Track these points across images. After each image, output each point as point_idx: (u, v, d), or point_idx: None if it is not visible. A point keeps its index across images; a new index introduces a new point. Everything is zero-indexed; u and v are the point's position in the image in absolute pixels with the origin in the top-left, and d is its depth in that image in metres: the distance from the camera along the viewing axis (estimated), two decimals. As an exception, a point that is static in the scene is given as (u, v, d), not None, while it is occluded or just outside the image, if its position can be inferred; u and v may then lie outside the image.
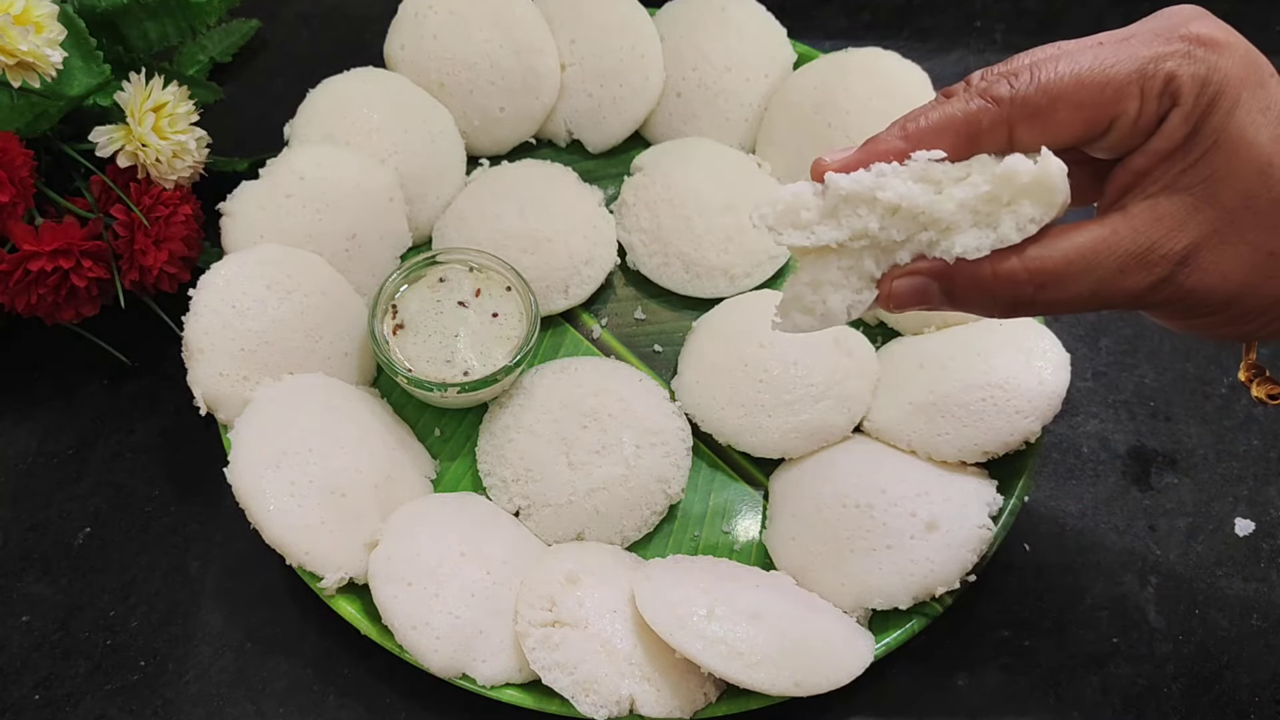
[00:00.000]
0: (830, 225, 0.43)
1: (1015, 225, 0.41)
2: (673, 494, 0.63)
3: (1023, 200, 0.41)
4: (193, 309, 0.61)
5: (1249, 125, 0.41)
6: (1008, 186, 0.41)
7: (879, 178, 0.42)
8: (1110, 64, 0.41)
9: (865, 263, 0.43)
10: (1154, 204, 0.42)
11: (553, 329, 0.70)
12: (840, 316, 0.44)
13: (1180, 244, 0.42)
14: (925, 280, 0.43)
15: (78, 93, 0.65)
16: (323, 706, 0.59)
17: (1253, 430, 0.69)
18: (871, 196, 0.42)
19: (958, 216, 0.41)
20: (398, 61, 0.74)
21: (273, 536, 0.56)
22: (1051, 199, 0.41)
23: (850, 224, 0.42)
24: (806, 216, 0.43)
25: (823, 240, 0.43)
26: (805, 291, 0.44)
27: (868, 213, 0.42)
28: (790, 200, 0.43)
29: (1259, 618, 0.63)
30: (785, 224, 0.43)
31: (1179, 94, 0.41)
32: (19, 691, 0.58)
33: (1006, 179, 0.41)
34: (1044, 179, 0.41)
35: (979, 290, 0.43)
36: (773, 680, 0.54)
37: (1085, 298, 0.43)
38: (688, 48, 0.75)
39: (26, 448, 0.66)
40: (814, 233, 0.43)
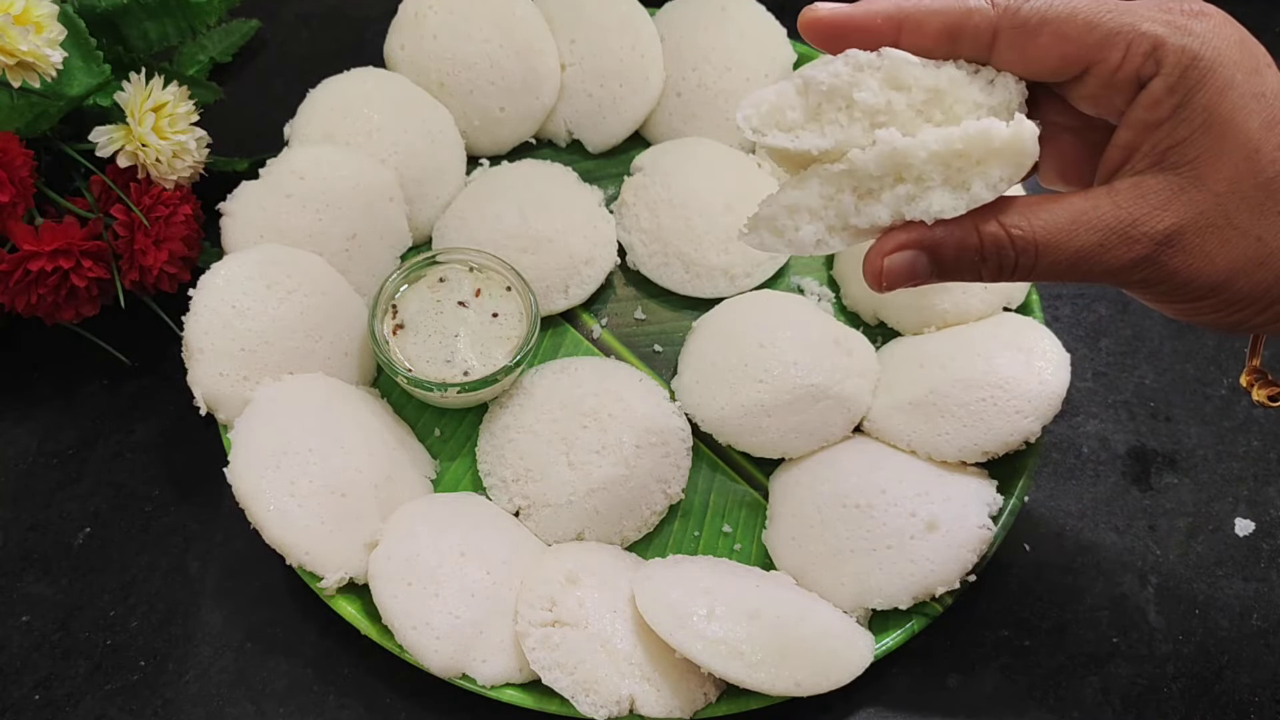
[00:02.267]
0: (814, 130, 0.43)
1: (986, 184, 0.41)
2: (673, 494, 0.63)
3: (993, 162, 0.41)
4: (193, 309, 0.61)
5: (1239, 109, 0.41)
6: (979, 147, 0.41)
7: (855, 72, 0.42)
8: (1108, 10, 0.41)
9: (844, 197, 0.43)
10: (1139, 180, 0.42)
11: (553, 329, 0.70)
12: (807, 248, 0.44)
13: (1164, 223, 0.42)
14: (914, 254, 0.43)
15: (78, 93, 0.65)
16: (323, 706, 0.59)
17: (1253, 431, 0.69)
18: (849, 95, 0.42)
19: (929, 167, 0.41)
20: (398, 61, 0.74)
21: (273, 536, 0.56)
22: (1021, 161, 0.41)
23: (833, 133, 0.42)
24: (791, 116, 0.43)
25: (806, 145, 0.43)
26: (781, 213, 0.44)
27: (848, 120, 0.42)
28: (775, 100, 0.43)
29: (1259, 618, 0.63)
30: (770, 125, 0.43)
31: (1162, 61, 0.41)
32: (19, 691, 0.58)
33: (980, 140, 0.41)
34: (1015, 143, 0.41)
35: (966, 256, 0.43)
36: (773, 680, 0.54)
37: (1065, 267, 0.43)
38: (688, 48, 0.75)
39: (26, 448, 0.66)
40: (798, 136, 0.43)
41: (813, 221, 0.44)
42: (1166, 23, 0.41)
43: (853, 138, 0.42)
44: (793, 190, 0.44)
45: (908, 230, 0.43)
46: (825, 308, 0.70)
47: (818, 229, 0.44)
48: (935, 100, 0.42)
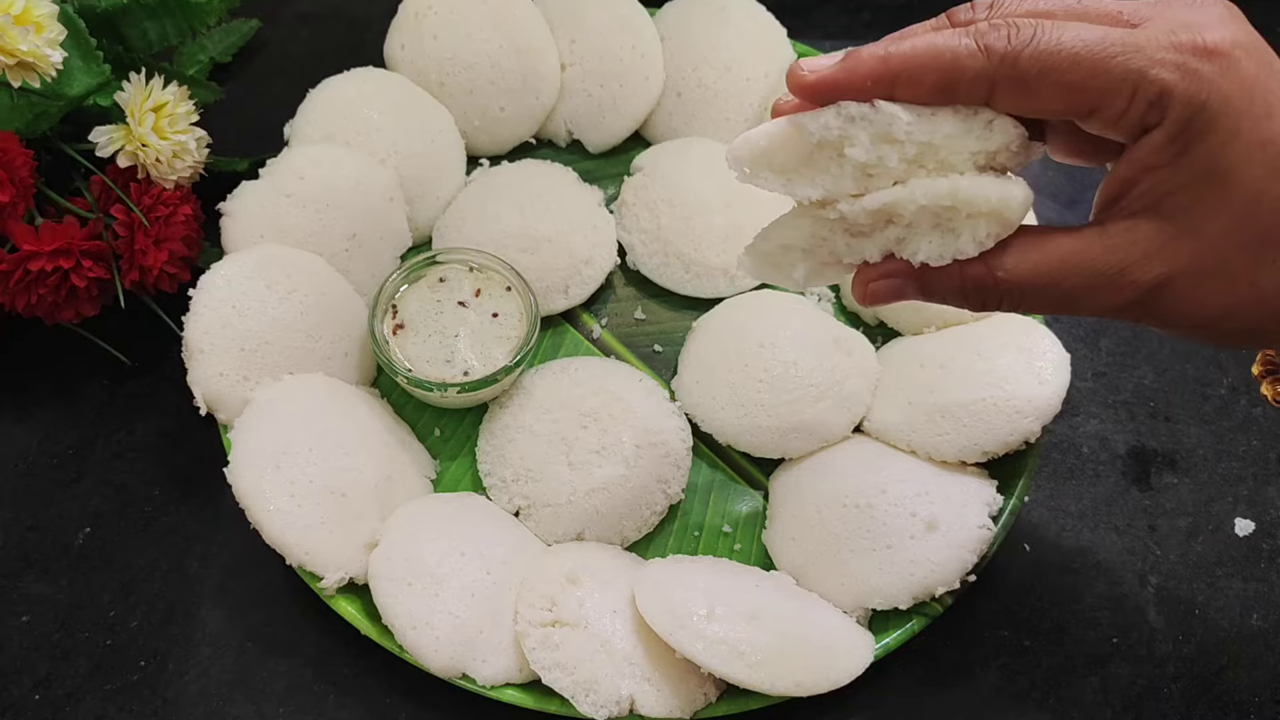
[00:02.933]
0: (805, 180, 0.43)
1: (973, 239, 0.42)
2: (673, 494, 0.63)
3: (981, 219, 0.41)
4: (193, 309, 0.61)
5: (1242, 160, 0.40)
6: (967, 207, 0.41)
7: (847, 124, 0.41)
8: (1113, 54, 0.39)
9: (836, 240, 0.44)
10: (1133, 225, 0.41)
11: (553, 329, 0.70)
12: (799, 284, 0.46)
13: (1153, 273, 0.41)
14: (901, 281, 0.44)
15: (78, 93, 0.65)
16: (323, 706, 0.59)
17: (1253, 430, 0.69)
18: (839, 148, 0.42)
19: (920, 217, 0.42)
20: (398, 61, 0.74)
21: (273, 536, 0.56)
22: (1009, 224, 0.42)
23: (823, 183, 0.42)
24: (783, 159, 0.43)
25: (799, 195, 0.43)
26: (777, 251, 0.45)
27: (839, 171, 0.42)
28: (765, 144, 0.43)
29: (1259, 618, 0.63)
30: (761, 166, 0.43)
31: (1167, 110, 0.39)
32: (19, 691, 0.58)
33: (968, 202, 0.41)
34: (1002, 210, 0.41)
35: (950, 291, 0.44)
36: (773, 680, 0.54)
37: (1053, 305, 0.43)
38: (688, 48, 0.75)
39: (26, 448, 0.66)
40: (790, 181, 0.43)
41: (805, 261, 0.45)
42: (1176, 65, 0.39)
43: (843, 188, 0.42)
44: (786, 229, 0.45)
45: (895, 262, 0.44)
46: (825, 308, 0.70)
47: (811, 266, 0.45)
48: (929, 152, 0.42)
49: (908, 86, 0.41)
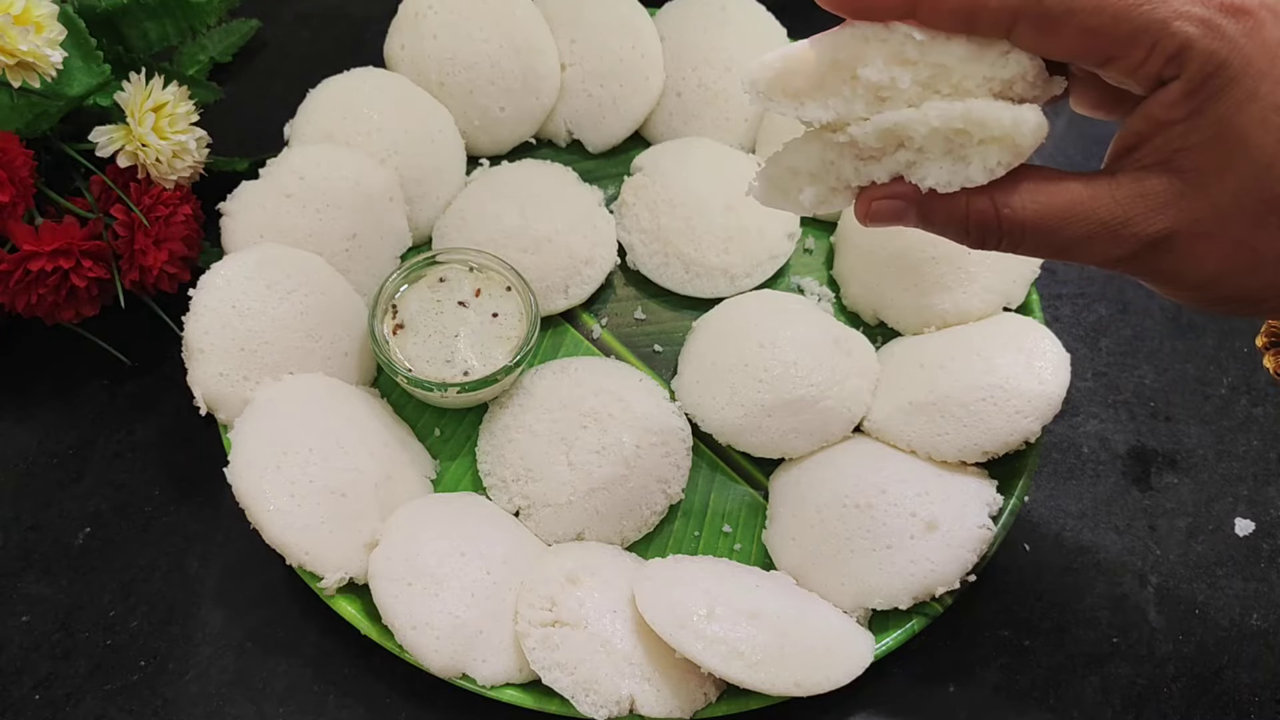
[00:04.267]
0: (817, 102, 0.43)
1: (983, 167, 0.41)
2: (673, 494, 0.63)
3: (992, 145, 0.41)
4: (193, 309, 0.61)
5: (1257, 123, 0.39)
6: (980, 130, 0.41)
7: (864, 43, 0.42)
8: (1139, 1, 0.39)
9: (845, 164, 0.44)
10: (1142, 178, 0.41)
11: (553, 329, 0.70)
12: (808, 208, 0.45)
13: (1156, 227, 0.41)
14: (903, 204, 0.44)
15: (78, 93, 0.65)
16: (323, 706, 0.59)
17: (1253, 430, 0.69)
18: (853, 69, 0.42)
19: (931, 141, 0.41)
20: (398, 61, 0.74)
21: (273, 536, 0.56)
22: (1020, 152, 0.41)
23: (835, 106, 0.42)
24: (798, 83, 0.43)
25: (809, 117, 0.43)
26: (785, 175, 0.45)
27: (851, 94, 0.42)
28: (782, 65, 0.43)
29: (1259, 618, 0.63)
30: (776, 90, 0.43)
31: (1186, 64, 0.39)
32: (19, 691, 0.58)
33: (980, 125, 0.40)
34: (1014, 135, 0.41)
35: (952, 222, 0.44)
36: (773, 680, 0.54)
37: (1051, 250, 0.43)
38: (688, 48, 0.75)
39: (26, 448, 0.66)
40: (802, 105, 0.43)
41: (814, 184, 0.45)
42: (1201, 20, 0.39)
43: (855, 111, 0.42)
44: (795, 153, 0.45)
45: (902, 184, 0.43)
46: (825, 308, 0.70)
47: (819, 190, 0.45)
48: (942, 75, 0.41)
49: (930, 11, 0.41)
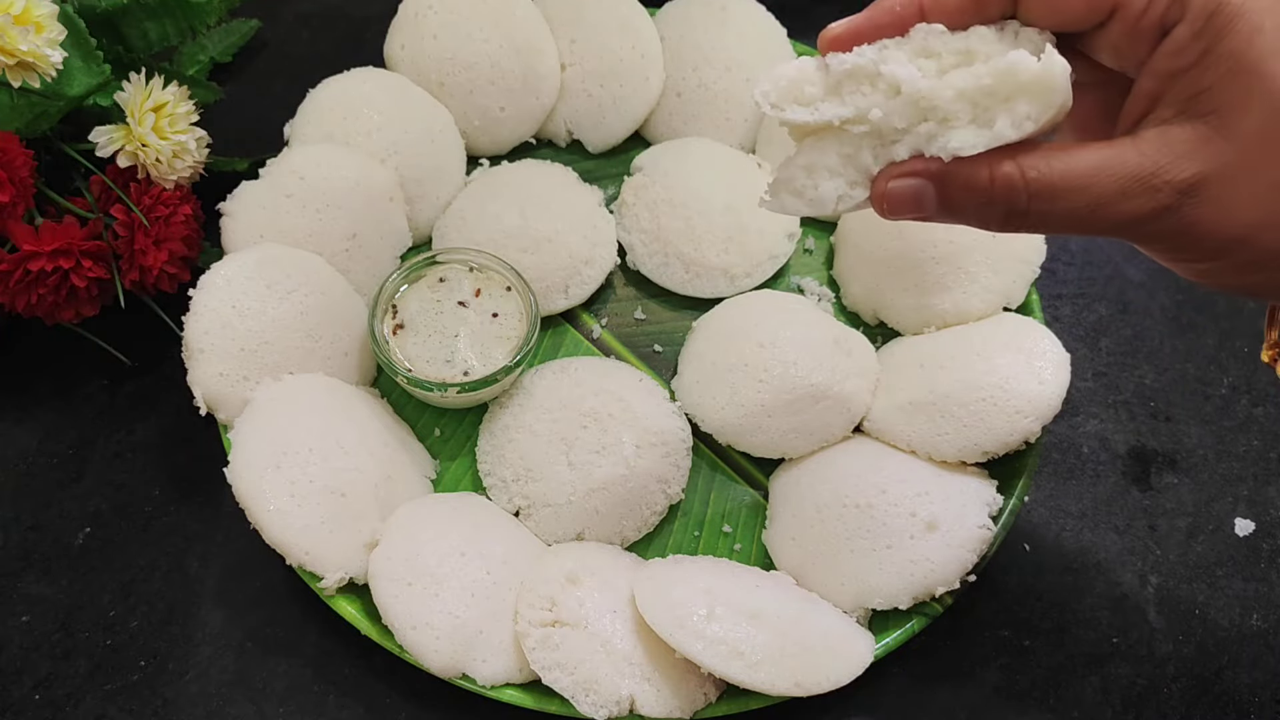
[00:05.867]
0: (834, 102, 0.42)
1: (1011, 122, 0.40)
2: (673, 494, 0.63)
3: (1020, 98, 0.40)
4: (193, 309, 0.61)
5: (1269, 54, 0.39)
6: (1008, 82, 0.40)
7: (882, 50, 0.41)
8: None
9: (863, 154, 0.42)
10: (1164, 130, 0.41)
11: (553, 329, 0.70)
12: (829, 205, 0.43)
13: (1187, 172, 0.40)
14: (921, 184, 0.42)
15: (78, 93, 0.65)
16: (323, 706, 0.59)
17: (1253, 430, 0.69)
18: (875, 71, 0.41)
19: (956, 107, 0.40)
20: (398, 61, 0.74)
21: (273, 536, 0.56)
22: (1050, 98, 0.40)
23: (854, 101, 0.41)
24: (810, 92, 0.42)
25: (826, 116, 0.42)
26: (799, 174, 0.43)
27: (871, 90, 0.41)
28: (794, 75, 0.42)
29: (1259, 618, 0.63)
30: (788, 100, 0.42)
31: (1188, 5, 0.39)
32: (19, 691, 0.58)
33: (1008, 74, 0.40)
34: (1045, 78, 0.39)
35: (974, 196, 0.42)
36: (773, 680, 0.54)
37: (1081, 215, 0.41)
38: (688, 48, 0.75)
39: (26, 448, 0.66)
40: (818, 109, 0.42)
41: (832, 178, 0.43)
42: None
43: (875, 103, 0.41)
44: (809, 151, 0.43)
45: (921, 160, 0.42)
46: (825, 308, 0.70)
47: (838, 185, 0.43)
48: (965, 60, 0.41)
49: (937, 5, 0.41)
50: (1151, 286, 0.74)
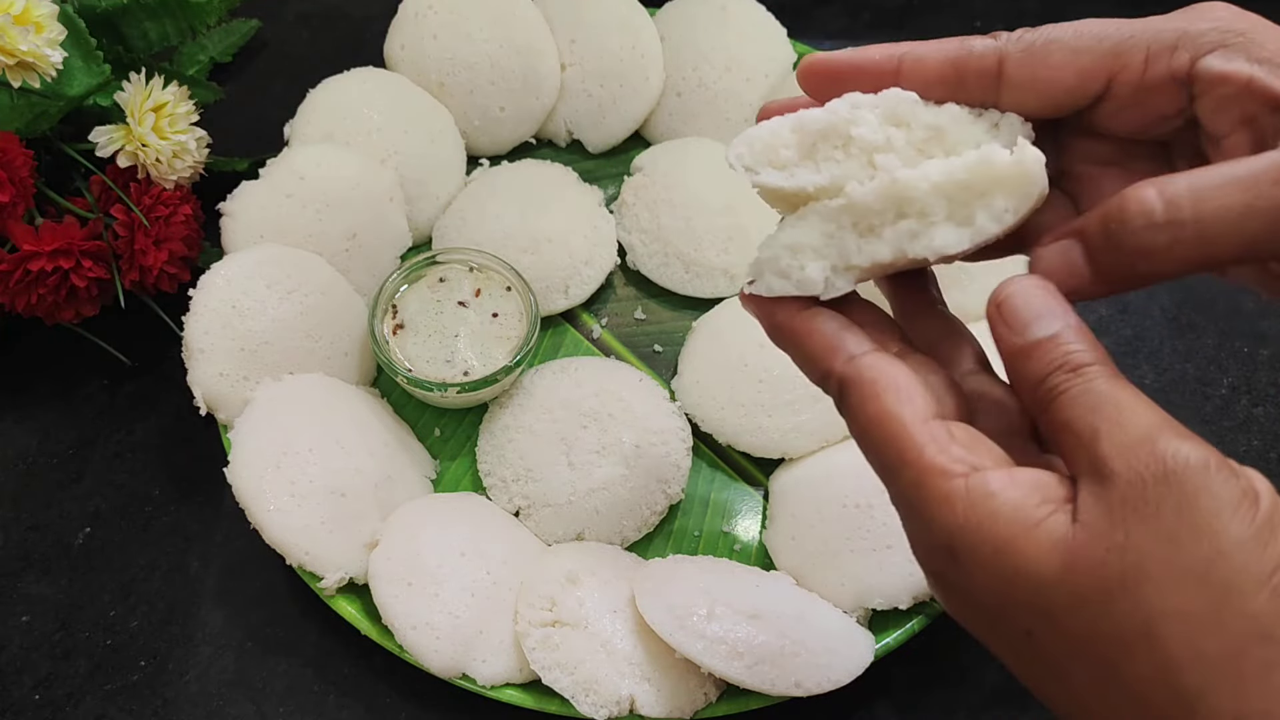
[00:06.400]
0: (809, 166, 0.41)
1: (990, 215, 0.39)
2: (673, 494, 0.63)
3: (997, 192, 0.38)
4: (193, 309, 0.61)
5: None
6: (983, 176, 0.38)
7: (853, 109, 0.40)
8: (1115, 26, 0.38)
9: (846, 237, 0.41)
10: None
11: (553, 329, 0.70)
12: (817, 286, 0.41)
13: None
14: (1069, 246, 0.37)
15: (78, 93, 0.65)
16: (323, 706, 0.59)
17: (1253, 430, 0.69)
18: (846, 133, 0.40)
19: (932, 201, 0.39)
20: (398, 61, 0.74)
21: (273, 536, 0.56)
22: (1028, 190, 0.38)
23: (828, 169, 0.40)
24: (785, 154, 0.41)
25: (800, 182, 0.41)
26: (783, 253, 0.41)
27: (844, 157, 0.40)
28: (768, 137, 0.41)
29: (1259, 618, 0.63)
30: (763, 163, 0.41)
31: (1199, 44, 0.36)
32: (19, 691, 0.58)
33: (982, 168, 0.38)
34: (1020, 171, 0.38)
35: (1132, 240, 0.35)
36: (773, 680, 0.54)
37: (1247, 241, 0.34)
38: (688, 48, 0.75)
39: (26, 448, 0.66)
40: (792, 173, 0.41)
41: (817, 259, 0.41)
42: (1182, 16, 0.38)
43: (850, 173, 0.40)
44: (791, 229, 0.42)
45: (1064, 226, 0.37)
46: (825, 308, 0.70)
47: (823, 267, 0.41)
48: (936, 138, 0.40)
49: (915, 68, 0.40)
50: (1151, 287, 0.74)
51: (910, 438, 0.35)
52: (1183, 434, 0.33)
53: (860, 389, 0.37)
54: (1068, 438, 0.34)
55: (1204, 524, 0.31)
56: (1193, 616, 0.30)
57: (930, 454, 0.34)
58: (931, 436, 0.35)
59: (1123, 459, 0.32)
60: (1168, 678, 0.31)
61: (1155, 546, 0.31)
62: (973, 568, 0.33)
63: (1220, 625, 0.30)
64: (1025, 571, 0.32)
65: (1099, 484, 0.32)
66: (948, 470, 0.34)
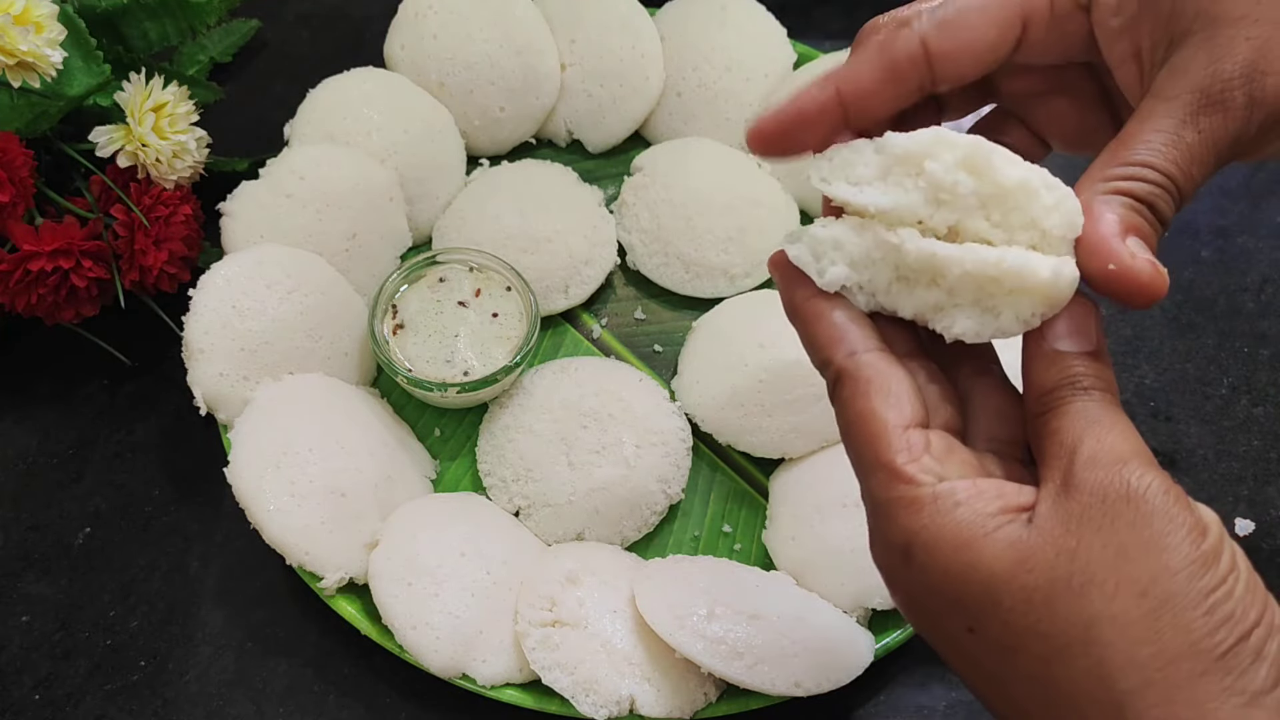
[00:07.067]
0: (877, 189, 0.41)
1: (1016, 317, 0.39)
2: (673, 494, 0.63)
3: (1025, 296, 0.39)
4: (193, 309, 0.61)
5: None
6: (1016, 280, 0.38)
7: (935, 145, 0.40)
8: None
9: (882, 271, 0.41)
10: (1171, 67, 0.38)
11: (553, 329, 0.70)
12: (833, 285, 0.42)
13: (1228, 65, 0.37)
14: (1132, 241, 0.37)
15: (78, 93, 0.65)
16: (323, 706, 0.59)
17: (1253, 430, 0.69)
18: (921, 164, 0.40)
19: (962, 285, 0.39)
20: (398, 61, 0.74)
21: (273, 536, 0.56)
22: (1055, 303, 0.39)
23: (895, 195, 0.40)
24: (863, 172, 0.41)
25: (866, 200, 0.40)
26: (827, 241, 0.42)
27: (913, 186, 0.40)
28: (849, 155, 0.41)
29: (1259, 618, 0.63)
30: (839, 176, 0.41)
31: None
32: (19, 691, 0.58)
33: (1015, 276, 0.38)
34: (1051, 288, 0.38)
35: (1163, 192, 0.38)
36: (773, 680, 0.54)
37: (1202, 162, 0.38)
38: (688, 48, 0.75)
39: (26, 448, 0.66)
40: (862, 190, 0.41)
41: (849, 269, 0.42)
42: None
43: (913, 205, 0.40)
44: (848, 228, 0.42)
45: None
46: (825, 308, 0.70)
47: (848, 277, 0.42)
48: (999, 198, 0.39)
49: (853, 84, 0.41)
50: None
51: (888, 441, 0.37)
52: (1153, 466, 0.35)
53: (854, 385, 0.39)
54: (1052, 444, 0.36)
55: (1154, 541, 0.33)
56: (1131, 624, 0.32)
57: (902, 460, 0.36)
58: (908, 444, 0.37)
59: (1091, 474, 0.34)
60: (1101, 680, 0.32)
61: (1104, 555, 0.33)
62: (929, 566, 0.35)
63: (1156, 634, 0.32)
64: (978, 567, 0.34)
65: (1063, 494, 0.34)
66: (915, 478, 0.36)
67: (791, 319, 0.42)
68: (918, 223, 0.40)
